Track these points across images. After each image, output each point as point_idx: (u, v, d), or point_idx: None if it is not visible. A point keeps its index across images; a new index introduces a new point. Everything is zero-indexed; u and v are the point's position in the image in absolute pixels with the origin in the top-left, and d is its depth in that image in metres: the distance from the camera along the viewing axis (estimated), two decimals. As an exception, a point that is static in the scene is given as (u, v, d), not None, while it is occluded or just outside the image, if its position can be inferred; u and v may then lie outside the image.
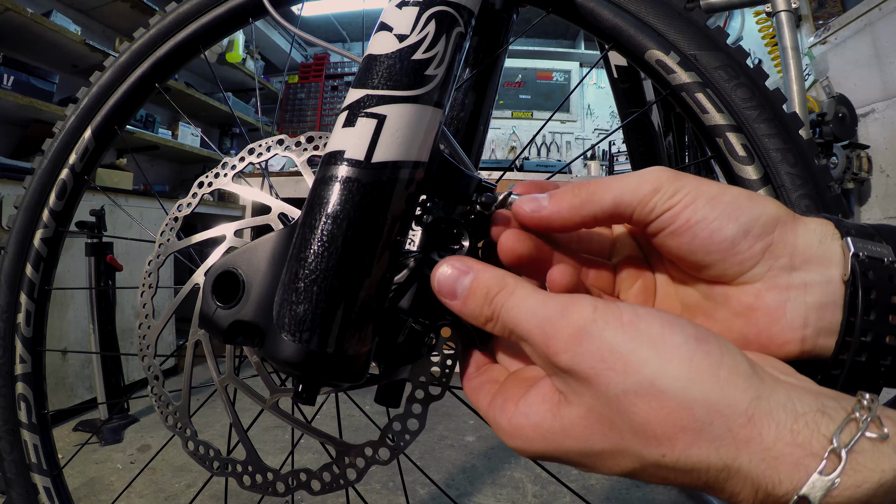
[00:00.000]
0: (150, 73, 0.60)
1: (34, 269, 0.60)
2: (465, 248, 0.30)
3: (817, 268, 0.25)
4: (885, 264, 0.24)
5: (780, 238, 0.25)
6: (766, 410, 0.19)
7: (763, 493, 0.18)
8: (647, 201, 0.25)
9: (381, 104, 0.27)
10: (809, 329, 0.24)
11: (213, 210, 2.77)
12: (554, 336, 0.22)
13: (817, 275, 0.24)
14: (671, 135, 1.00)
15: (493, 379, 0.28)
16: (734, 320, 0.26)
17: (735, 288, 0.26)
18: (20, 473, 0.58)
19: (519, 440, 0.24)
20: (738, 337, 0.25)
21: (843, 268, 0.24)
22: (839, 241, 0.25)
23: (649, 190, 0.25)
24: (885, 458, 0.17)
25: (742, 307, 0.25)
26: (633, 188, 0.25)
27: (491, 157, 4.08)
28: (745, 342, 0.25)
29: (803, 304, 0.24)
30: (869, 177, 2.20)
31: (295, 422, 0.36)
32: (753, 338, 0.25)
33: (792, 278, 0.25)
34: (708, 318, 0.27)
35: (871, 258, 0.24)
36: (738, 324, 0.25)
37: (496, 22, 0.52)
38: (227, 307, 0.29)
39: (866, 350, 0.23)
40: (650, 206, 0.25)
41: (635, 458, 0.21)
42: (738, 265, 0.25)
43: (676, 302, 0.29)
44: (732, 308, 0.26)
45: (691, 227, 0.25)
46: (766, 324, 0.25)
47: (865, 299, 0.23)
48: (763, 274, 0.25)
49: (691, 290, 0.28)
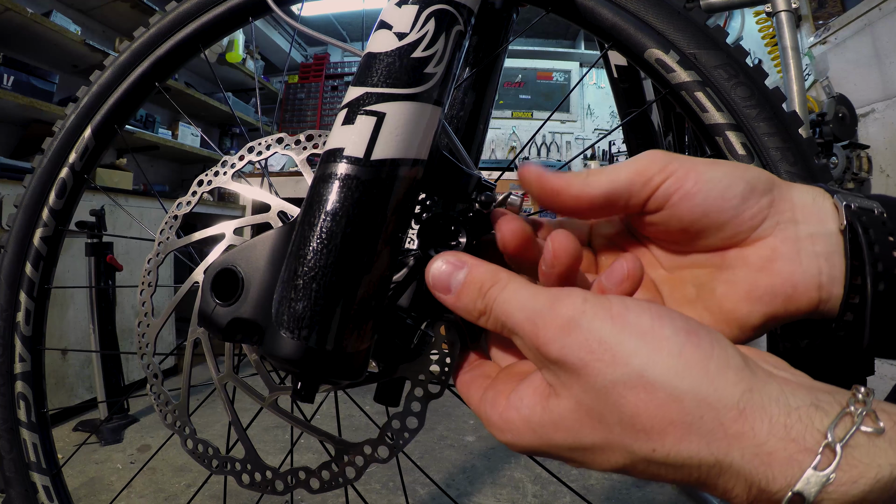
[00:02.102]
0: (151, 72, 0.60)
1: (34, 267, 0.60)
2: (462, 246, 0.30)
3: (817, 221, 0.26)
4: (876, 214, 0.25)
5: (780, 196, 0.26)
6: (759, 404, 0.19)
7: (756, 490, 0.18)
8: (645, 171, 0.26)
9: (381, 102, 0.27)
10: (824, 276, 0.25)
11: (213, 210, 2.77)
12: (544, 327, 0.22)
13: (819, 227, 0.26)
14: (671, 134, 1.00)
15: (484, 374, 0.28)
16: (757, 276, 0.26)
17: (749, 247, 0.26)
18: (19, 472, 0.58)
19: (509, 434, 0.24)
20: (765, 291, 0.26)
21: (837, 220, 0.25)
22: (830, 200, 0.26)
23: (645, 162, 0.26)
24: (881, 454, 0.17)
25: (761, 261, 0.26)
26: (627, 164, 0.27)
27: (491, 157, 4.08)
28: (773, 294, 0.26)
29: (814, 254, 0.25)
30: (869, 177, 2.20)
31: (294, 420, 0.36)
32: (780, 288, 0.25)
33: (799, 230, 0.26)
34: (730, 284, 0.27)
35: (862, 208, 0.25)
36: (762, 278, 0.26)
37: (496, 21, 0.52)
38: (226, 305, 0.29)
39: (883, 279, 0.24)
40: (648, 177, 0.26)
41: (625, 452, 0.21)
42: (751, 219, 0.26)
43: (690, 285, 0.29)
44: (752, 265, 0.26)
45: (700, 189, 0.25)
46: (789, 272, 0.25)
47: (867, 237, 0.24)
48: (773, 228, 0.26)
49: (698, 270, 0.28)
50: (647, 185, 0.26)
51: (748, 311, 0.26)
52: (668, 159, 0.26)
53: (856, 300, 0.25)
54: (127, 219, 1.91)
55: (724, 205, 0.25)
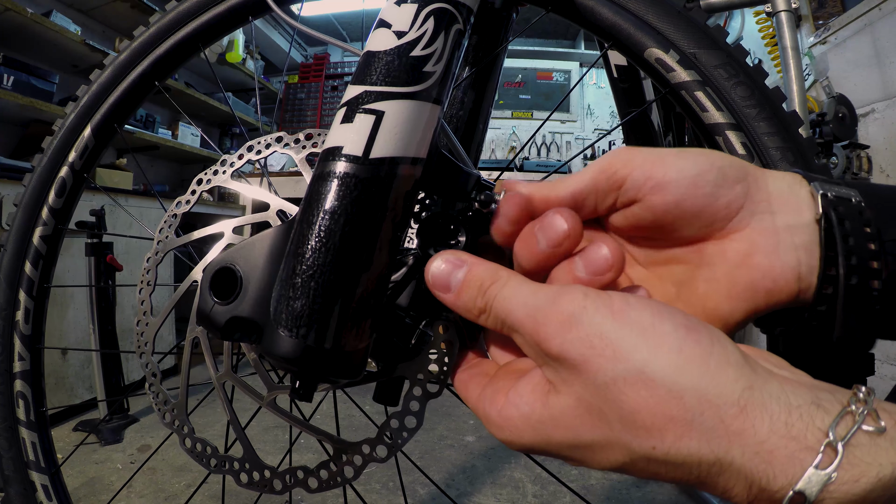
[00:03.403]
0: (150, 71, 0.60)
1: (33, 266, 0.60)
2: (461, 245, 0.30)
3: (793, 211, 0.25)
4: (854, 203, 0.25)
5: (755, 184, 0.26)
6: (759, 402, 0.18)
7: (757, 488, 0.18)
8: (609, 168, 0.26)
9: (380, 100, 0.27)
10: (803, 266, 0.25)
11: (212, 210, 2.77)
12: (544, 323, 0.22)
13: (795, 217, 0.25)
14: (671, 134, 1.00)
15: (483, 372, 0.28)
16: (737, 271, 0.26)
17: (727, 241, 0.26)
18: (18, 471, 0.58)
19: (508, 431, 0.24)
20: (745, 287, 0.25)
21: (813, 210, 0.25)
22: (807, 187, 0.26)
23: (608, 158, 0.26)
24: (883, 453, 0.17)
25: (740, 256, 0.26)
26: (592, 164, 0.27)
27: (491, 157, 4.07)
28: (753, 290, 0.25)
29: (792, 245, 0.25)
30: (869, 177, 2.20)
31: (292, 419, 0.36)
32: (759, 283, 0.25)
33: (776, 220, 0.25)
34: (711, 282, 0.27)
35: (839, 197, 0.25)
36: (741, 273, 0.26)
37: (496, 20, 0.52)
38: (225, 303, 0.29)
39: (855, 273, 0.24)
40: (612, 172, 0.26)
41: (625, 450, 0.21)
42: (726, 207, 0.25)
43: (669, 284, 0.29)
44: (731, 260, 0.26)
45: (671, 178, 0.25)
46: (768, 266, 0.25)
47: (842, 229, 0.24)
48: (749, 219, 0.25)
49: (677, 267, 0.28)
50: (612, 180, 0.26)
51: (731, 309, 0.26)
52: (631, 153, 0.26)
53: (829, 290, 0.24)
54: (127, 218, 1.91)
55: (696, 192, 0.25)
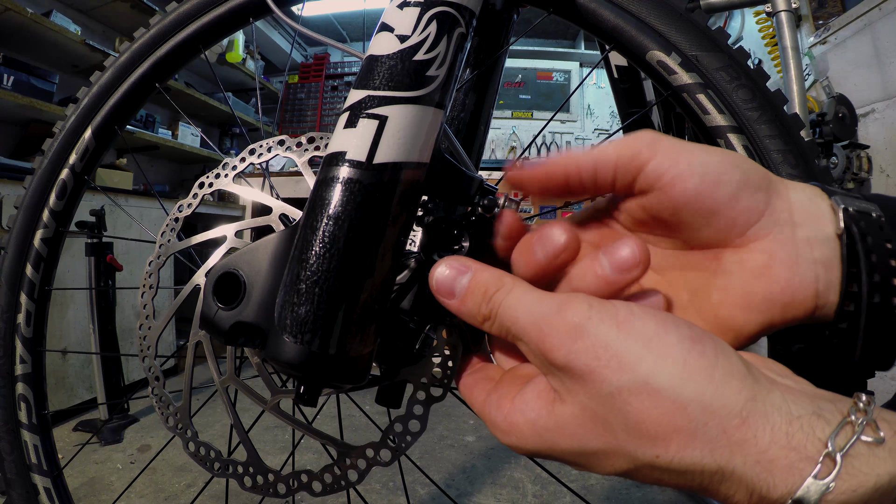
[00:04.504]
0: (151, 73, 0.60)
1: (34, 269, 0.60)
2: (465, 249, 0.30)
3: (814, 224, 0.25)
4: (874, 218, 0.25)
5: (777, 194, 0.25)
6: (762, 412, 0.19)
7: (757, 497, 0.18)
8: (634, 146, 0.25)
9: (383, 105, 0.27)
10: (821, 282, 0.24)
11: (213, 210, 2.76)
12: (550, 333, 0.22)
13: (816, 231, 0.25)
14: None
15: (488, 377, 0.28)
16: (754, 282, 0.25)
17: (746, 249, 0.25)
18: (20, 474, 0.58)
19: (514, 437, 0.24)
20: (762, 299, 0.25)
21: (834, 224, 0.25)
22: (827, 201, 0.25)
23: (634, 137, 0.26)
24: (881, 463, 0.17)
25: (758, 266, 0.25)
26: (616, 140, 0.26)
27: (491, 157, 4.08)
28: (770, 302, 0.25)
29: (811, 260, 0.24)
30: (869, 177, 2.20)
31: (296, 423, 0.36)
32: (778, 296, 0.24)
33: (797, 233, 0.25)
34: (726, 291, 0.26)
35: (860, 212, 0.24)
36: (759, 284, 0.25)
37: (497, 22, 0.51)
38: (229, 308, 0.29)
39: (878, 290, 0.23)
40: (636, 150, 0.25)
41: (629, 458, 0.21)
42: (746, 213, 0.25)
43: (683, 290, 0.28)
44: (749, 270, 0.25)
45: (695, 172, 0.24)
46: (787, 280, 0.24)
47: (864, 245, 0.24)
48: (770, 228, 0.25)
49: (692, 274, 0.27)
50: (635, 160, 0.25)
51: (744, 320, 0.25)
52: (657, 137, 0.25)
53: (851, 308, 0.24)
54: (127, 219, 1.91)
55: (718, 191, 0.24)
